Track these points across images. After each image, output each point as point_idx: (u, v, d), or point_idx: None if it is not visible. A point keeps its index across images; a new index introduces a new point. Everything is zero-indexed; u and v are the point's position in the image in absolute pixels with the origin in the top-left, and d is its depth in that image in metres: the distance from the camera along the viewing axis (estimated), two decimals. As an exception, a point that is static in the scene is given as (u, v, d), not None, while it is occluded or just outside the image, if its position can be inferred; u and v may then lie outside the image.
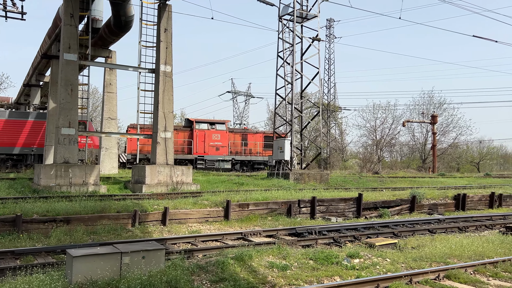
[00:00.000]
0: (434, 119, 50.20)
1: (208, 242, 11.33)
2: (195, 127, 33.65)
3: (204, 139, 33.62)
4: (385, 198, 18.49)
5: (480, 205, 20.73)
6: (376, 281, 7.24)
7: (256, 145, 36.18)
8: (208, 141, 33.86)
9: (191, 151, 33.25)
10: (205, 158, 33.35)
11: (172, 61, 21.74)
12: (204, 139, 33.62)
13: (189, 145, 33.36)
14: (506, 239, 11.43)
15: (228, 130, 35.13)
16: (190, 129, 33.78)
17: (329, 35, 61.11)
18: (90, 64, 22.82)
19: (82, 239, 11.09)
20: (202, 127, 33.98)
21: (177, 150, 32.39)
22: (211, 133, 34.00)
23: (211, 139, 33.90)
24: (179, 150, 32.66)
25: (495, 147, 73.64)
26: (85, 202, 13.67)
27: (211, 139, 33.91)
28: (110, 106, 28.78)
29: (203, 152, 33.54)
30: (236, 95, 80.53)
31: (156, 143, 21.12)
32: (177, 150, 32.33)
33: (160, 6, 21.56)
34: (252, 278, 7.62)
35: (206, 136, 33.81)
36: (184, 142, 33.32)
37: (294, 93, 27.45)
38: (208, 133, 33.88)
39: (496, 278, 8.15)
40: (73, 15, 20.03)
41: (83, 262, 6.96)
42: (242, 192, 18.38)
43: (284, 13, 27.45)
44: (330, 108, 60.23)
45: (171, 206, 13.90)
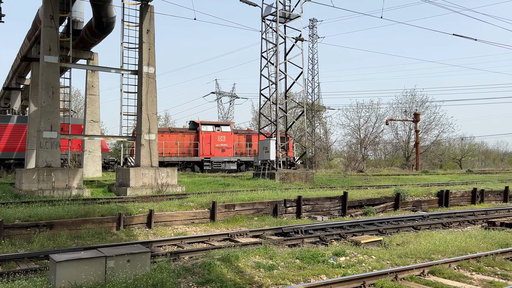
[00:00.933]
0: (417, 117, 50.85)
1: (194, 244, 11.27)
2: (201, 129, 34.06)
3: (210, 141, 34.05)
4: (370, 196, 18.65)
5: (463, 201, 21.07)
6: (362, 278, 7.29)
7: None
8: (214, 143, 34.27)
9: (197, 153, 33.68)
10: (211, 160, 33.82)
11: (155, 62, 21.59)
12: (210, 141, 34.05)
13: (196, 147, 33.79)
14: (488, 234, 11.64)
15: (233, 131, 35.51)
16: (196, 132, 34.13)
17: (312, 35, 61.44)
18: (72, 67, 22.52)
19: (66, 243, 10.92)
20: (207, 129, 34.36)
21: (183, 153, 33.06)
22: (216, 135, 34.43)
23: (216, 141, 34.29)
24: (185, 153, 33.25)
25: (476, 144, 75.02)
26: (68, 206, 13.47)
27: (216, 141, 34.29)
28: (92, 109, 28.44)
29: (209, 154, 33.95)
30: (220, 96, 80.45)
31: (140, 145, 20.94)
32: (184, 152, 33.07)
33: (142, 7, 21.39)
34: (239, 279, 7.61)
35: (212, 138, 34.24)
36: (190, 145, 33.70)
37: (279, 93, 27.52)
38: (214, 135, 34.31)
39: (479, 273, 8.28)
40: (53, 16, 19.73)
41: (66, 267, 6.85)
42: (228, 193, 18.34)
43: (267, 13, 27.49)
44: (315, 108, 60.55)
45: (156, 209, 13.79)
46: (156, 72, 21.63)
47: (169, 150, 32.48)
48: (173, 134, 33.25)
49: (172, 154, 32.59)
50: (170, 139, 32.75)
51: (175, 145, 32.83)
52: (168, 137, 32.71)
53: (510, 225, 13.25)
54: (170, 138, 32.78)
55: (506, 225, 13.33)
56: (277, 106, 27.26)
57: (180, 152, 32.92)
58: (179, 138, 33.23)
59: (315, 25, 61.36)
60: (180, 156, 32.77)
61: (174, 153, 32.70)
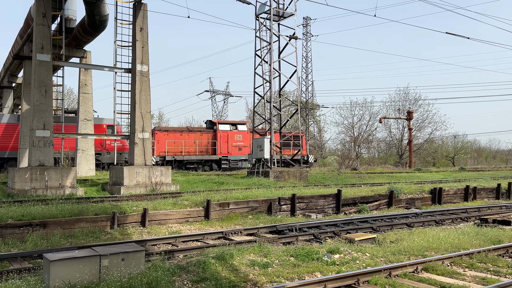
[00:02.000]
0: (410, 115, 51.13)
1: (188, 243, 11.26)
2: (219, 128, 34.77)
3: (227, 140, 34.68)
4: (363, 194, 18.73)
5: (456, 198, 21.22)
6: (356, 275, 7.33)
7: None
8: (231, 142, 34.91)
9: (215, 152, 34.43)
10: (228, 158, 34.49)
11: (149, 60, 21.52)
12: (227, 140, 34.68)
13: (213, 146, 34.55)
14: (480, 231, 11.73)
15: (249, 130, 36.06)
16: (213, 131, 34.86)
17: (306, 34, 61.51)
18: (64, 65, 22.37)
19: (60, 243, 10.87)
20: (225, 129, 35.13)
21: (201, 151, 33.90)
22: (233, 134, 35.19)
23: (233, 140, 34.97)
24: (203, 151, 34.08)
25: (469, 142, 75.58)
26: (61, 205, 13.40)
27: (233, 139, 34.99)
28: (86, 107, 28.29)
29: (227, 153, 34.64)
30: (214, 94, 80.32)
31: (134, 144, 20.87)
32: (202, 151, 33.98)
33: (135, 5, 21.29)
34: (234, 277, 7.62)
35: (229, 137, 34.93)
36: (208, 143, 34.46)
37: (273, 92, 27.53)
38: (231, 134, 35.12)
39: (472, 269, 8.36)
40: (45, 14, 19.59)
41: (60, 266, 6.82)
42: (222, 191, 18.33)
43: (261, 12, 27.48)
44: (309, 106, 60.62)
45: (151, 207, 13.76)
46: (150, 71, 21.60)
47: (188, 149, 33.24)
48: (191, 133, 33.91)
49: (191, 153, 33.38)
50: (189, 138, 33.42)
51: (194, 144, 33.58)
52: (186, 136, 33.41)
53: (502, 222, 13.37)
54: (189, 137, 33.45)
55: (498, 222, 13.45)
56: (271, 104, 27.27)
57: (198, 151, 33.79)
58: (197, 137, 33.99)
59: (309, 23, 61.44)
60: (198, 155, 33.65)
61: (193, 152, 33.50)
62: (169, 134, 32.93)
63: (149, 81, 21.51)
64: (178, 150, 32.70)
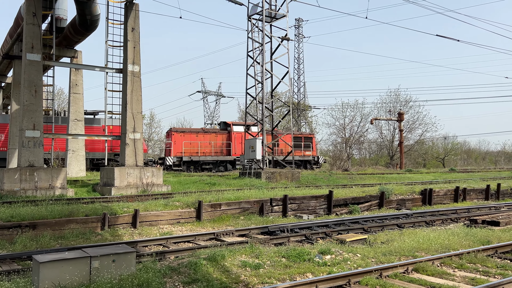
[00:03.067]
0: (401, 116, 51.46)
1: (180, 244, 11.23)
2: (233, 129, 35.56)
3: (241, 141, 34.88)
4: (355, 195, 18.81)
5: (446, 199, 21.39)
6: (347, 276, 7.36)
7: (286, 146, 37.69)
8: None
9: (229, 152, 35.19)
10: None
11: (140, 60, 21.43)
12: (241, 141, 34.88)
13: (228, 147, 35.34)
14: (470, 232, 11.84)
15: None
16: (228, 132, 35.70)
17: (298, 35, 61.68)
18: (55, 65, 22.20)
19: (49, 244, 10.77)
20: (239, 130, 35.80)
21: (216, 152, 34.72)
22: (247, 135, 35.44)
23: None
24: (218, 152, 34.89)
25: (459, 143, 76.28)
26: (51, 206, 13.28)
27: None
28: (76, 108, 28.10)
29: (241, 153, 34.99)
30: (206, 95, 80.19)
31: (125, 145, 20.75)
32: (217, 152, 34.85)
33: (127, 5, 21.19)
34: (225, 278, 7.61)
35: (243, 138, 35.14)
36: (222, 144, 35.26)
37: (265, 93, 27.56)
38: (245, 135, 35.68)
39: (462, 270, 8.43)
40: (36, 13, 19.42)
41: (50, 268, 6.76)
42: (214, 192, 18.30)
43: (253, 13, 27.50)
44: (300, 107, 60.78)
45: (142, 208, 13.69)
46: (141, 71, 21.49)
47: (204, 150, 33.89)
48: (207, 134, 34.64)
49: (206, 153, 34.07)
50: (204, 139, 34.05)
51: (209, 145, 34.28)
52: (202, 137, 34.05)
53: (491, 222, 13.50)
54: (204, 138, 34.09)
55: (488, 223, 13.58)
56: (263, 105, 27.29)
57: (214, 151, 34.55)
58: (213, 138, 34.69)
59: (301, 24, 61.62)
60: (214, 156, 34.40)
61: (208, 153, 34.24)
62: (185, 135, 33.69)
63: (140, 81, 21.42)
64: (194, 151, 33.45)
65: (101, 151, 31.73)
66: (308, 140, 40.19)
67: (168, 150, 33.46)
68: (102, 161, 31.69)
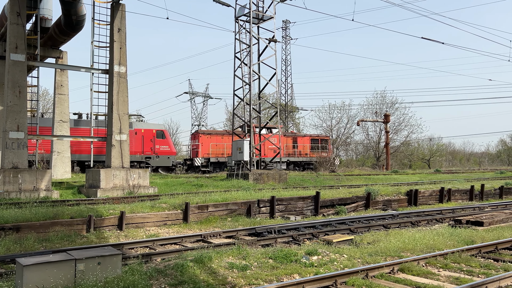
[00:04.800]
0: (387, 118, 51.94)
1: (166, 246, 11.16)
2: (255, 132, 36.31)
3: (264, 143, 36.15)
4: (341, 196, 18.93)
5: (431, 200, 21.65)
6: (334, 277, 7.39)
7: (304, 147, 39.40)
8: (267, 145, 36.78)
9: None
10: (265, 160, 36.13)
11: (127, 61, 21.27)
12: (264, 143, 36.15)
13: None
14: (455, 232, 12.00)
15: (282, 134, 37.88)
16: None
17: (285, 37, 61.86)
18: (39, 65, 21.92)
19: (34, 247, 10.61)
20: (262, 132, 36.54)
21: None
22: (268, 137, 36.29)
23: (269, 143, 36.58)
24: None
25: (444, 144, 77.37)
26: (36, 209, 13.10)
27: (269, 142, 36.51)
28: (61, 109, 27.76)
29: (264, 155, 36.29)
30: (194, 96, 79.93)
31: (111, 146, 20.57)
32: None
33: (113, 6, 21.02)
34: (212, 280, 7.59)
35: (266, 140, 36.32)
36: None
37: (252, 94, 27.58)
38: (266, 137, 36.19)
39: (446, 269, 8.53)
40: (20, 13, 19.15)
41: (34, 271, 6.67)
42: (201, 194, 18.25)
43: (240, 14, 27.50)
44: (288, 109, 60.95)
45: (128, 210, 13.58)
46: (128, 72, 21.31)
47: (228, 151, 34.63)
48: (230, 136, 35.38)
49: (229, 155, 34.72)
50: (229, 140, 34.73)
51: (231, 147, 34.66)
52: (227, 139, 34.97)
53: (475, 222, 13.70)
54: (229, 140, 34.77)
55: (472, 223, 13.77)
56: (250, 106, 27.31)
57: None
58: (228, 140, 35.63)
59: (288, 26, 61.82)
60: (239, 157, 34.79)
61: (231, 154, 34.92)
62: (211, 137, 34.84)
63: (126, 82, 21.26)
64: (220, 152, 34.47)
65: (88, 153, 31.74)
66: (325, 142, 41.84)
67: (195, 152, 34.57)
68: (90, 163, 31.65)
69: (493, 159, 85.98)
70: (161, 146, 33.73)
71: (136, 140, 33.45)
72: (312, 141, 40.95)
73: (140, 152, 33.34)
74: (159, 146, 33.91)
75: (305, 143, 40.28)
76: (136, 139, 33.52)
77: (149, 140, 34.05)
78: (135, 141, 33.41)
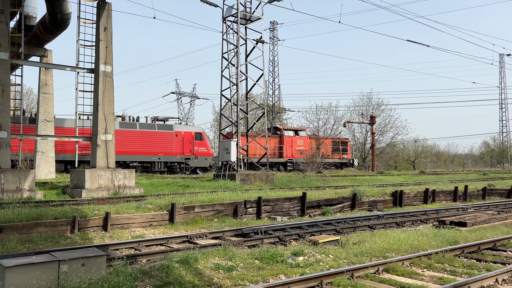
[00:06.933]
0: (373, 119, 52.37)
1: (152, 247, 11.07)
2: (284, 134, 38.95)
3: (291, 145, 38.86)
4: (328, 197, 19.01)
5: (416, 200, 21.88)
6: (319, 277, 7.42)
7: (327, 149, 41.56)
8: (294, 146, 39.08)
9: (281, 155, 38.44)
10: (292, 161, 38.56)
11: (113, 61, 21.08)
12: (291, 145, 38.86)
13: (280, 150, 38.62)
14: (439, 232, 12.14)
15: (308, 136, 40.69)
16: (279, 136, 39.04)
17: (272, 38, 61.98)
18: (23, 64, 21.59)
19: (16, 248, 10.43)
20: (289, 134, 39.25)
21: (271, 154, 37.31)
22: (296, 139, 39.55)
23: (296, 144, 39.19)
24: (271, 154, 37.42)
25: (428, 146, 78.30)
26: (19, 209, 12.88)
27: (296, 144, 39.21)
28: (46, 108, 27.38)
29: (291, 156, 38.83)
30: (180, 96, 79.60)
31: (96, 146, 20.36)
32: (271, 154, 37.43)
33: (99, 4, 20.82)
34: (198, 281, 7.56)
35: (293, 142, 39.08)
36: (275, 147, 38.44)
37: (240, 95, 27.56)
38: (294, 139, 39.44)
39: (430, 270, 8.63)
40: (3, 11, 18.83)
41: (16, 273, 6.56)
42: (187, 194, 18.16)
43: (228, 15, 27.48)
44: (275, 110, 61.05)
45: (113, 211, 13.45)
46: (114, 71, 21.13)
47: (260, 152, 36.27)
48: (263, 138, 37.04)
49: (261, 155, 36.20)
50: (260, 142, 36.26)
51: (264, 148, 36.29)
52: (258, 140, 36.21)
53: (459, 223, 13.89)
54: (260, 142, 36.28)
55: (455, 224, 13.96)
56: (238, 107, 27.29)
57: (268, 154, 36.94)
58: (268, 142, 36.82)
59: (276, 27, 61.95)
60: (270, 158, 36.45)
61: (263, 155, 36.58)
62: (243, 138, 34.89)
63: (113, 81, 21.07)
64: (252, 153, 35.64)
65: (73, 152, 31.61)
66: (345, 145, 44.06)
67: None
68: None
69: (477, 160, 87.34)
70: (199, 148, 35.54)
71: (176, 142, 34.92)
72: (334, 143, 43.27)
73: (180, 153, 34.93)
74: (197, 148, 35.64)
75: (327, 145, 42.42)
76: (177, 141, 34.95)
77: (189, 142, 35.52)
78: (176, 143, 34.90)
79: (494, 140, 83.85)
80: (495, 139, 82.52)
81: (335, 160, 42.20)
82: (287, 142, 38.72)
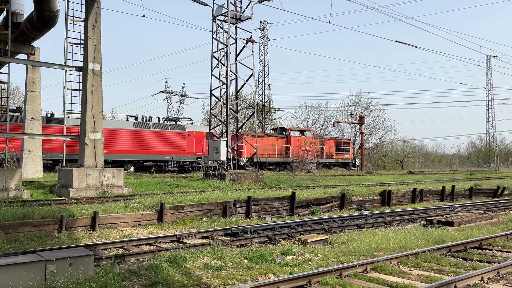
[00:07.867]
0: (362, 119, 52.72)
1: (141, 246, 11.01)
2: (291, 134, 39.91)
3: (298, 145, 39.74)
4: (317, 196, 19.09)
5: (404, 200, 22.07)
6: (308, 276, 7.45)
7: (330, 149, 42.67)
8: (300, 146, 39.87)
9: (288, 155, 39.14)
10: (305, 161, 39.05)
11: (101, 59, 20.90)
12: (298, 145, 39.74)
13: (287, 150, 39.37)
14: (426, 232, 12.26)
15: (313, 136, 41.91)
16: (286, 136, 39.91)
17: (262, 37, 62.00)
18: (10, 61, 21.31)
19: (2, 248, 10.30)
20: (295, 135, 40.34)
21: (278, 154, 38.67)
22: (302, 140, 40.40)
23: (302, 145, 40.00)
24: (278, 154, 38.80)
25: (416, 146, 79.06)
26: (5, 209, 12.72)
27: (302, 144, 40.03)
28: (33, 106, 27.05)
29: (297, 156, 39.03)
30: (170, 95, 79.18)
31: (85, 145, 20.18)
32: (278, 154, 38.74)
33: (87, 2, 20.63)
34: (187, 280, 7.54)
35: (299, 142, 39.89)
36: (282, 147, 39.28)
37: (230, 94, 27.52)
38: (300, 140, 40.31)
39: (417, 268, 8.72)
40: (-10, 7, 18.58)
41: (2, 273, 6.48)
42: (177, 194, 18.09)
43: (218, 14, 27.42)
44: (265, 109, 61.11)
45: (101, 211, 13.35)
46: (102, 69, 20.95)
47: (268, 152, 37.32)
48: (270, 138, 38.49)
49: (270, 155, 37.64)
50: (267, 142, 37.49)
51: (271, 148, 37.86)
52: (266, 141, 37.48)
53: (446, 222, 14.04)
54: (267, 142, 37.53)
55: (442, 223, 14.10)
56: (228, 106, 27.25)
57: (276, 153, 38.41)
58: (274, 142, 38.41)
59: (266, 27, 61.97)
60: (277, 157, 38.20)
61: (271, 155, 37.86)
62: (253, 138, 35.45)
63: (101, 80, 20.89)
64: (260, 153, 36.00)
65: (61, 151, 31.33)
66: (347, 145, 45.16)
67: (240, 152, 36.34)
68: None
69: (464, 160, 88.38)
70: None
71: (188, 141, 35.59)
72: (337, 143, 44.27)
73: (192, 153, 35.75)
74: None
75: (331, 145, 43.55)
76: (189, 141, 35.62)
77: (200, 142, 36.23)
78: (188, 142, 35.57)
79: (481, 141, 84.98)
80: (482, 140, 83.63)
81: (338, 160, 43.41)
82: (293, 142, 39.60)
